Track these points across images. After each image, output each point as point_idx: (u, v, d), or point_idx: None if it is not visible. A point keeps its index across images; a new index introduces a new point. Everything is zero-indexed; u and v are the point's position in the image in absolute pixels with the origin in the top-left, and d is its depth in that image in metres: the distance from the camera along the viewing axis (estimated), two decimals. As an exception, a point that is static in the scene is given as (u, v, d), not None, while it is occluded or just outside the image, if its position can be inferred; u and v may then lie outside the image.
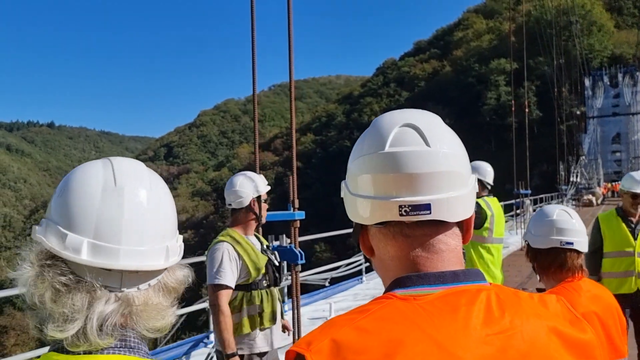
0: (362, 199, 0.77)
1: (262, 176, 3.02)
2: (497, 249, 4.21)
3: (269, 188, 2.96)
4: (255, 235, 3.06)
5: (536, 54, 58.61)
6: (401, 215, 0.73)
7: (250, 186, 2.91)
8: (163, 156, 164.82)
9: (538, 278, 2.07)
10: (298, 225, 3.41)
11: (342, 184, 0.83)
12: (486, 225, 4.09)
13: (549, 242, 1.95)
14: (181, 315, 5.34)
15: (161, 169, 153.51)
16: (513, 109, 19.64)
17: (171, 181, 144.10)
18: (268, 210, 3.02)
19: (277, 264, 3.02)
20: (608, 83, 68.05)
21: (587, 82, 67.12)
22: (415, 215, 0.73)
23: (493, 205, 4.20)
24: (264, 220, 2.96)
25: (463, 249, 0.79)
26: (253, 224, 2.95)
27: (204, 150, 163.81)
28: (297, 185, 3.55)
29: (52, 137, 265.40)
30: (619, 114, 65.14)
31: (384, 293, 0.75)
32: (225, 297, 2.72)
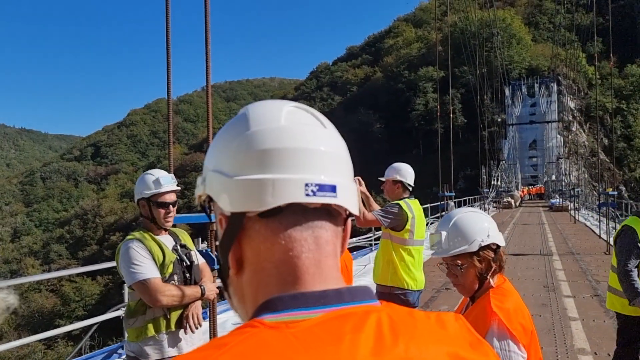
0: (257, 179, 0.61)
1: (163, 175, 2.79)
2: (418, 250, 4.25)
3: (168, 189, 2.72)
4: (173, 232, 2.88)
5: (461, 63, 61.33)
6: (307, 195, 0.61)
7: (138, 187, 2.77)
8: (90, 156, 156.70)
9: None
10: (215, 228, 3.26)
11: (209, 174, 0.65)
12: (407, 227, 4.11)
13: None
14: (93, 325, 5.00)
15: (88, 169, 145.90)
16: (439, 114, 20.40)
17: (99, 182, 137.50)
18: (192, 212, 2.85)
19: (188, 263, 2.81)
20: (526, 93, 72.60)
21: (507, 91, 71.18)
22: (322, 196, 0.61)
23: (414, 207, 4.23)
24: (165, 224, 2.77)
25: None
26: (154, 227, 2.77)
27: (134, 150, 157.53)
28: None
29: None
30: (535, 122, 69.60)
31: (249, 319, 0.60)
32: (156, 286, 2.58)
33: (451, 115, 21.93)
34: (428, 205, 18.87)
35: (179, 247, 2.84)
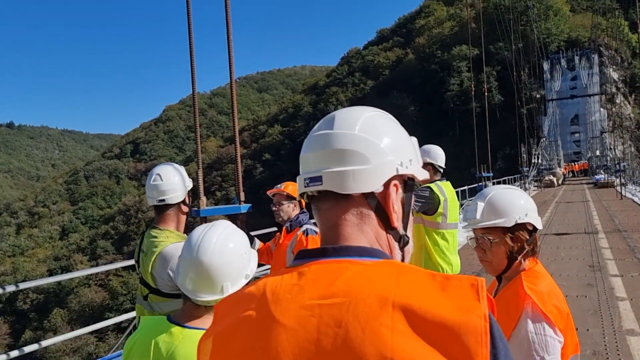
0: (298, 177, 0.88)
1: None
2: (452, 234, 4.14)
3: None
4: None
5: (496, 39, 59.46)
6: (305, 187, 0.83)
7: (184, 177, 2.68)
8: (129, 153, 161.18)
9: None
10: (245, 220, 3.27)
11: None
12: (440, 210, 4.01)
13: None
14: (132, 319, 5.13)
15: (128, 166, 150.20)
16: (473, 92, 19.91)
17: (139, 178, 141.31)
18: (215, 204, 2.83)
19: None
20: (565, 66, 69.76)
21: (545, 66, 68.67)
22: (312, 186, 0.82)
23: (446, 190, 4.12)
24: None
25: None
26: (184, 221, 2.71)
27: (171, 145, 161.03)
28: (266, 178, 3.38)
29: (12, 138, 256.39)
30: (576, 96, 66.95)
31: None
32: None
33: (486, 93, 21.38)
34: (466, 187, 18.48)
35: None
